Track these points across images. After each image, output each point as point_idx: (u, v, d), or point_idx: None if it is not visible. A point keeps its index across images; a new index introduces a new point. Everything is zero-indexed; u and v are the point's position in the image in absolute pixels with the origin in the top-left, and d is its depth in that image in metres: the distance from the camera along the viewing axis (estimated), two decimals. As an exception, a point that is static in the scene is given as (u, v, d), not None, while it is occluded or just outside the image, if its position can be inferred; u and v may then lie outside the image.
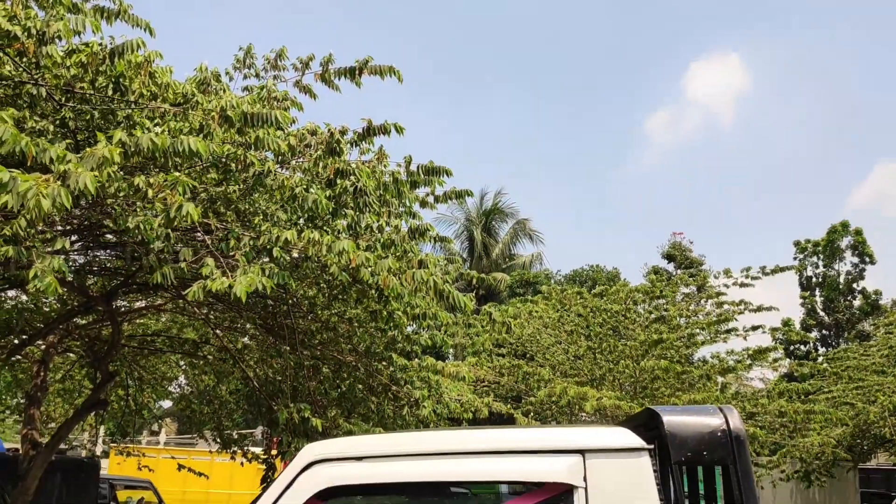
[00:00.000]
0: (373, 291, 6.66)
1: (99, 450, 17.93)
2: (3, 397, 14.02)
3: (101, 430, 15.48)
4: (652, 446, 2.75)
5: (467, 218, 43.30)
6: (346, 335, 8.63)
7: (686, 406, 3.19)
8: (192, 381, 12.67)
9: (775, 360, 17.81)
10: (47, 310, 9.90)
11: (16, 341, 9.36)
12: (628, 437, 2.76)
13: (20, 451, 10.13)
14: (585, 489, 2.65)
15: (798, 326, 33.56)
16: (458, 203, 42.23)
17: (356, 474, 2.69)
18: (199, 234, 5.88)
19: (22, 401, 12.39)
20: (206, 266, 5.13)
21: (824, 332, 36.15)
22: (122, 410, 12.52)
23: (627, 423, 3.17)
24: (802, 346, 34.01)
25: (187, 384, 13.12)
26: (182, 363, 12.49)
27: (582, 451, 2.70)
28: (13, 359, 10.83)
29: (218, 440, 12.06)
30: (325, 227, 6.28)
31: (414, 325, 8.81)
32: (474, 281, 8.91)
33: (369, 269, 5.84)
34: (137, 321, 11.29)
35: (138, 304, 10.24)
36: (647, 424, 3.11)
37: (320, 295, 8.30)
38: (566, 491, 2.66)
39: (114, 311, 8.57)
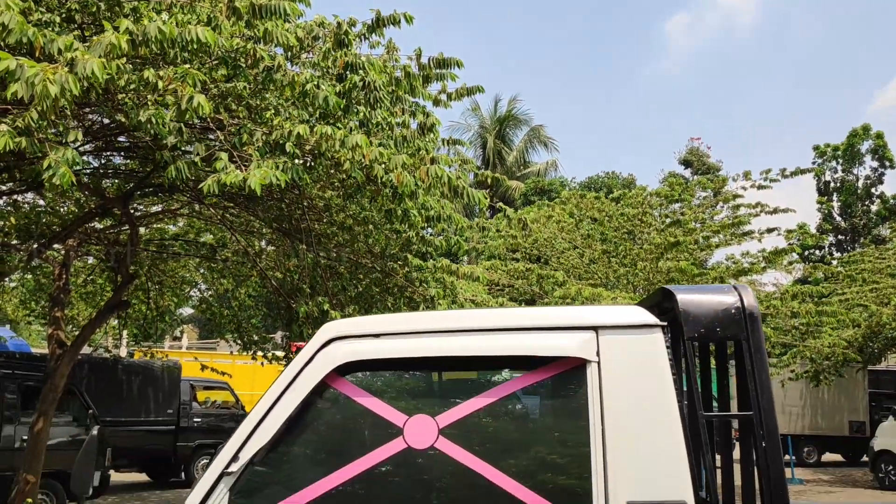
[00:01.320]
0: (387, 190, 6.65)
1: (123, 352, 18.43)
2: (29, 302, 14.32)
3: (125, 333, 15.82)
4: (665, 323, 2.77)
5: (481, 125, 42.75)
6: (361, 236, 8.67)
7: (700, 285, 3.17)
8: (210, 285, 12.86)
9: (790, 263, 17.82)
10: (64, 211, 9.99)
11: (35, 245, 9.47)
12: (642, 315, 2.79)
13: (48, 353, 10.40)
14: (598, 364, 2.69)
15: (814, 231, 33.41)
16: (473, 111, 41.68)
17: (373, 349, 2.75)
18: (211, 132, 5.83)
19: (45, 305, 12.65)
20: (220, 160, 5.11)
21: (840, 237, 35.97)
22: (143, 315, 12.78)
23: (642, 303, 3.20)
24: (817, 251, 33.96)
25: (207, 288, 13.32)
26: (201, 268, 12.65)
27: (595, 328, 2.73)
28: (35, 263, 11.00)
29: (239, 342, 12.33)
30: (337, 125, 6.20)
31: (429, 229, 8.84)
32: (489, 181, 8.88)
33: (383, 165, 5.80)
34: (154, 226, 11.38)
35: (155, 209, 10.30)
36: (661, 305, 3.13)
37: (335, 196, 8.29)
38: (579, 366, 2.70)
39: (130, 213, 8.63)
